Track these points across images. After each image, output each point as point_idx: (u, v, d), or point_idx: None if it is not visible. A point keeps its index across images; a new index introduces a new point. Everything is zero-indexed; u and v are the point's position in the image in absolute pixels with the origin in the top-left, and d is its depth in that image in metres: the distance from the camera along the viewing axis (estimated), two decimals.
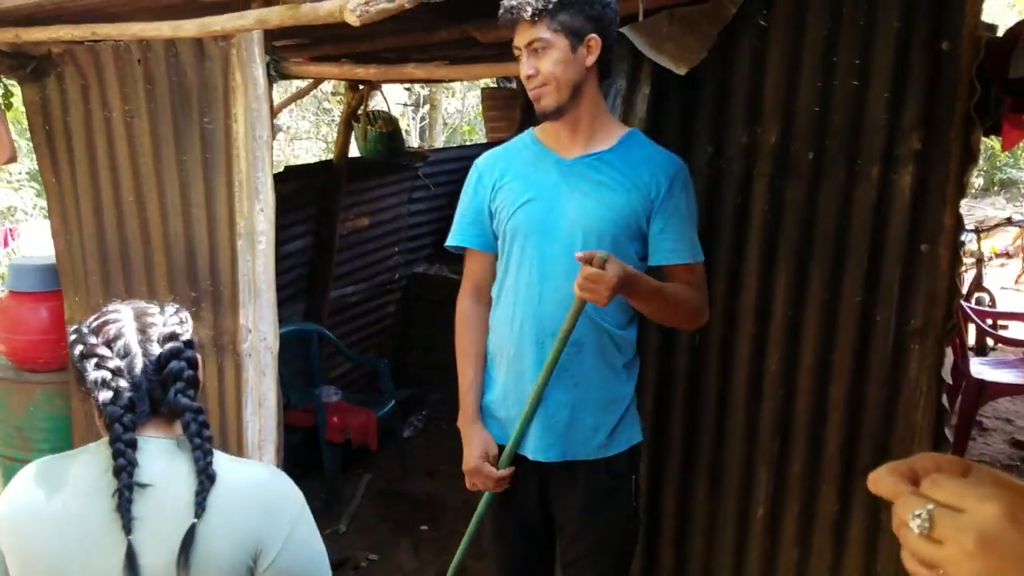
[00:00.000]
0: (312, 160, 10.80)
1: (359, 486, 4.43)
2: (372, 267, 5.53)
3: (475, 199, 2.02)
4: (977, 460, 2.83)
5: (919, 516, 0.52)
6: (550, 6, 1.77)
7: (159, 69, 2.87)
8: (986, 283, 5.08)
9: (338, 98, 11.61)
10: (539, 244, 1.88)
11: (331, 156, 5.09)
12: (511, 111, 6.64)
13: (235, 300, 2.99)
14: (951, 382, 2.48)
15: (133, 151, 3.00)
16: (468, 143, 14.49)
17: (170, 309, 1.46)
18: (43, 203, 9.31)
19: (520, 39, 1.83)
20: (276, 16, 2.41)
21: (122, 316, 1.39)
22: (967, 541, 0.49)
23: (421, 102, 9.98)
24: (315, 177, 4.75)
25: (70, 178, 3.14)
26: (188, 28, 2.58)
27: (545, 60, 1.81)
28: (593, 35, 1.82)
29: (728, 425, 2.50)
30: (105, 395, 1.28)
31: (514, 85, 6.55)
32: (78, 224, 3.18)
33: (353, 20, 2.23)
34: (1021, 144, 3.64)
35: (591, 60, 1.84)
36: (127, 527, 1.23)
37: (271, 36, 2.78)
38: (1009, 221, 5.38)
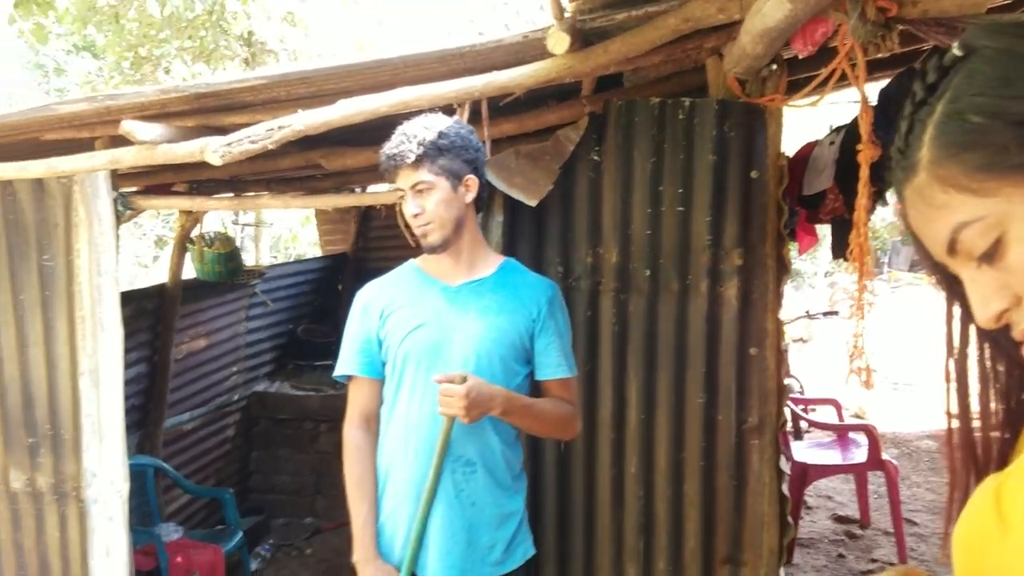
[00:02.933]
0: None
1: None
2: (209, 390, 5.30)
3: (361, 328, 2.07)
4: (807, 537, 3.12)
5: None
6: (430, 152, 1.93)
7: None
8: (793, 371, 5.64)
9: (162, 218, 11.22)
10: (431, 368, 1.96)
11: (148, 276, 4.90)
12: (346, 224, 6.73)
13: (77, 443, 2.83)
14: (789, 472, 2.74)
15: None
16: (291, 251, 14.33)
17: None
18: None
19: (404, 182, 1.96)
20: (131, 156, 2.40)
21: None
22: None
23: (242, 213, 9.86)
24: (148, 301, 4.57)
25: None
26: (33, 169, 2.51)
27: (429, 200, 1.95)
28: (470, 175, 1.99)
29: (596, 528, 2.63)
30: None
31: None
32: None
33: (215, 161, 2.27)
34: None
35: (469, 197, 2.00)
36: None
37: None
38: (807, 315, 6.01)
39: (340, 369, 2.09)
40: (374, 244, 6.74)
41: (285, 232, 14.74)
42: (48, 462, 2.87)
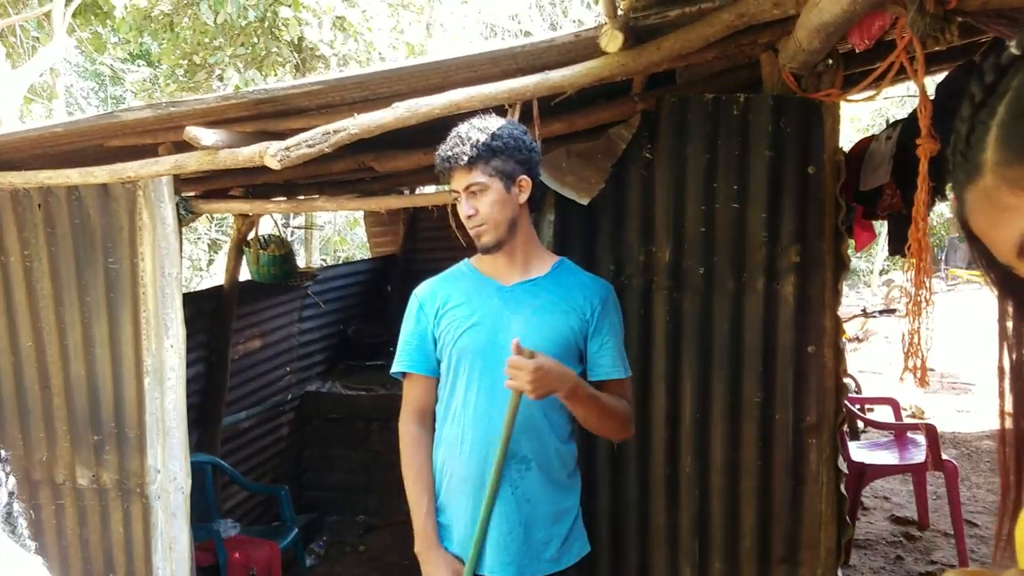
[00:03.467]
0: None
1: None
2: (264, 389, 5.41)
3: (418, 326, 2.10)
4: (863, 539, 3.05)
5: None
6: (483, 153, 1.94)
7: (61, 213, 2.84)
8: (849, 370, 5.52)
9: (216, 222, 11.45)
10: (486, 366, 1.98)
11: (202, 278, 5.00)
12: (395, 226, 6.81)
13: (142, 440, 2.91)
14: (847, 471, 2.71)
15: (32, 295, 2.91)
16: (340, 253, 14.52)
17: None
18: None
19: (457, 183, 1.98)
20: (194, 161, 2.46)
21: None
22: None
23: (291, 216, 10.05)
24: (206, 303, 4.67)
25: None
26: (99, 175, 2.59)
27: (483, 201, 1.96)
28: (524, 176, 2.00)
29: (650, 527, 2.62)
30: None
31: None
32: None
33: (275, 165, 2.32)
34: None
35: (523, 198, 2.01)
36: None
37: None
38: (864, 312, 5.89)
39: (397, 366, 2.12)
40: (423, 245, 6.80)
41: (334, 234, 14.94)
42: (113, 459, 2.95)
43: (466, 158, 1.93)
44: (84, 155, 2.88)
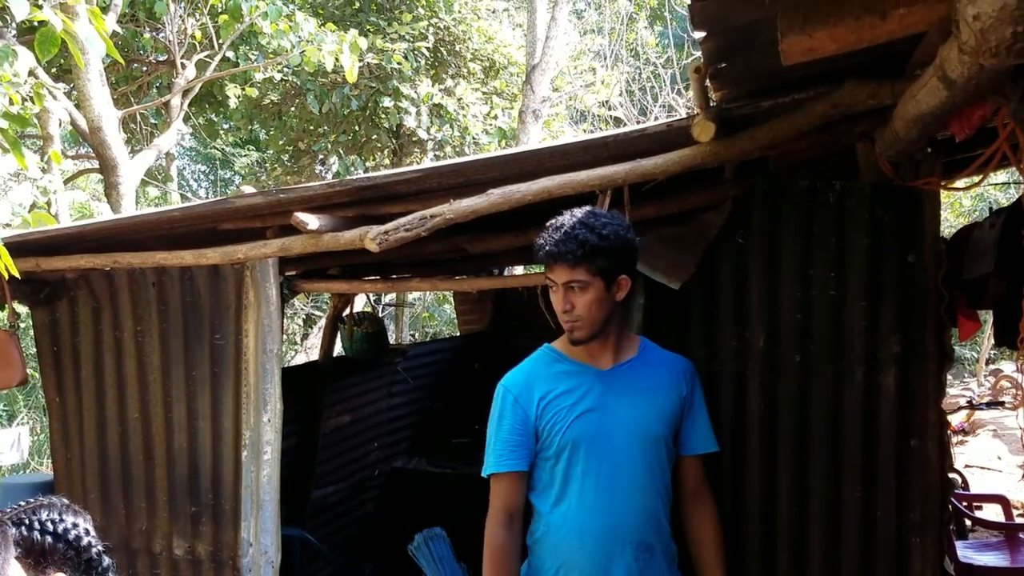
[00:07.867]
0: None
1: None
2: (352, 464, 5.47)
3: (516, 420, 2.04)
4: None
5: None
6: (590, 253, 1.93)
7: (173, 291, 3.00)
8: (955, 464, 5.22)
9: (312, 298, 11.87)
10: (600, 453, 1.98)
11: (296, 352, 5.14)
12: (483, 304, 6.90)
13: (236, 513, 2.98)
14: (953, 573, 2.55)
15: (142, 369, 3.07)
16: (428, 330, 14.74)
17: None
18: None
19: (558, 276, 1.97)
20: (299, 244, 2.59)
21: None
22: None
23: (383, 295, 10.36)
24: (301, 378, 4.81)
25: (75, 397, 3.18)
26: (211, 256, 2.74)
27: (581, 299, 1.96)
28: (624, 275, 2.01)
29: None
30: None
31: None
32: (80, 442, 3.19)
33: (374, 248, 2.42)
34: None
35: (621, 296, 2.02)
36: None
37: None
38: (970, 405, 5.60)
39: (499, 466, 2.02)
40: (511, 324, 6.85)
41: (423, 311, 15.22)
42: (208, 531, 3.03)
43: (572, 257, 1.91)
44: (197, 237, 3.06)
